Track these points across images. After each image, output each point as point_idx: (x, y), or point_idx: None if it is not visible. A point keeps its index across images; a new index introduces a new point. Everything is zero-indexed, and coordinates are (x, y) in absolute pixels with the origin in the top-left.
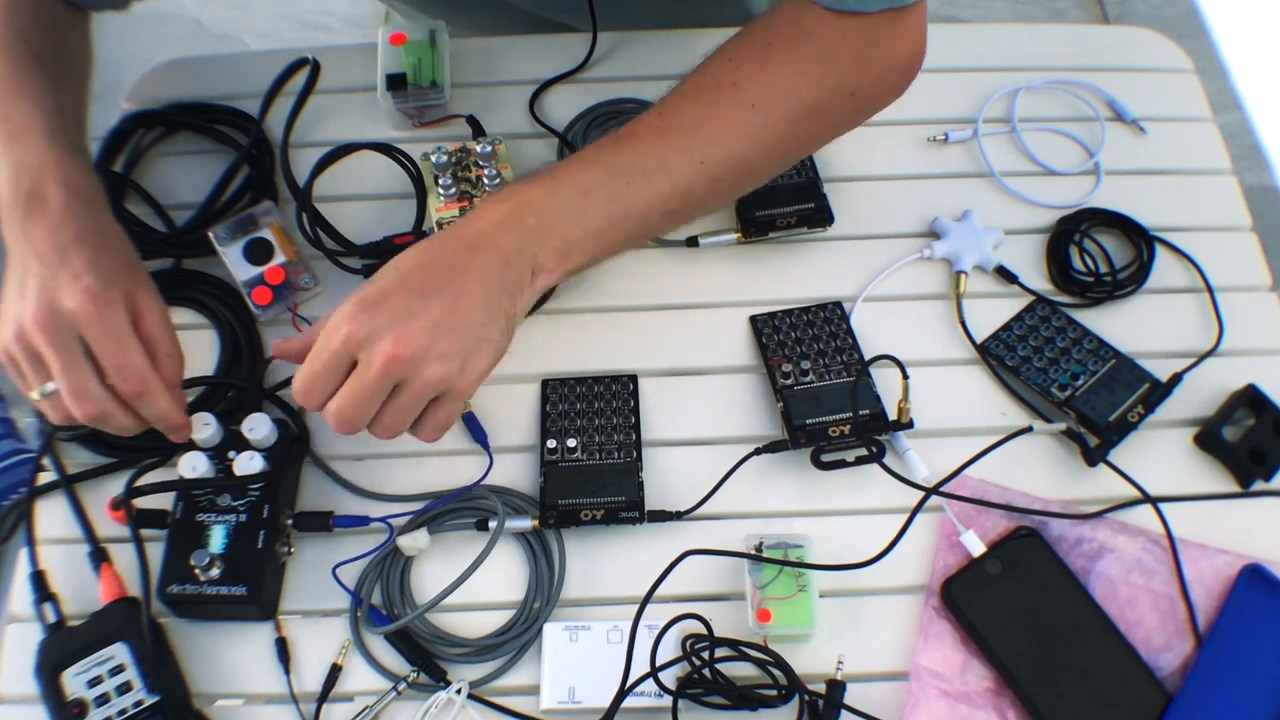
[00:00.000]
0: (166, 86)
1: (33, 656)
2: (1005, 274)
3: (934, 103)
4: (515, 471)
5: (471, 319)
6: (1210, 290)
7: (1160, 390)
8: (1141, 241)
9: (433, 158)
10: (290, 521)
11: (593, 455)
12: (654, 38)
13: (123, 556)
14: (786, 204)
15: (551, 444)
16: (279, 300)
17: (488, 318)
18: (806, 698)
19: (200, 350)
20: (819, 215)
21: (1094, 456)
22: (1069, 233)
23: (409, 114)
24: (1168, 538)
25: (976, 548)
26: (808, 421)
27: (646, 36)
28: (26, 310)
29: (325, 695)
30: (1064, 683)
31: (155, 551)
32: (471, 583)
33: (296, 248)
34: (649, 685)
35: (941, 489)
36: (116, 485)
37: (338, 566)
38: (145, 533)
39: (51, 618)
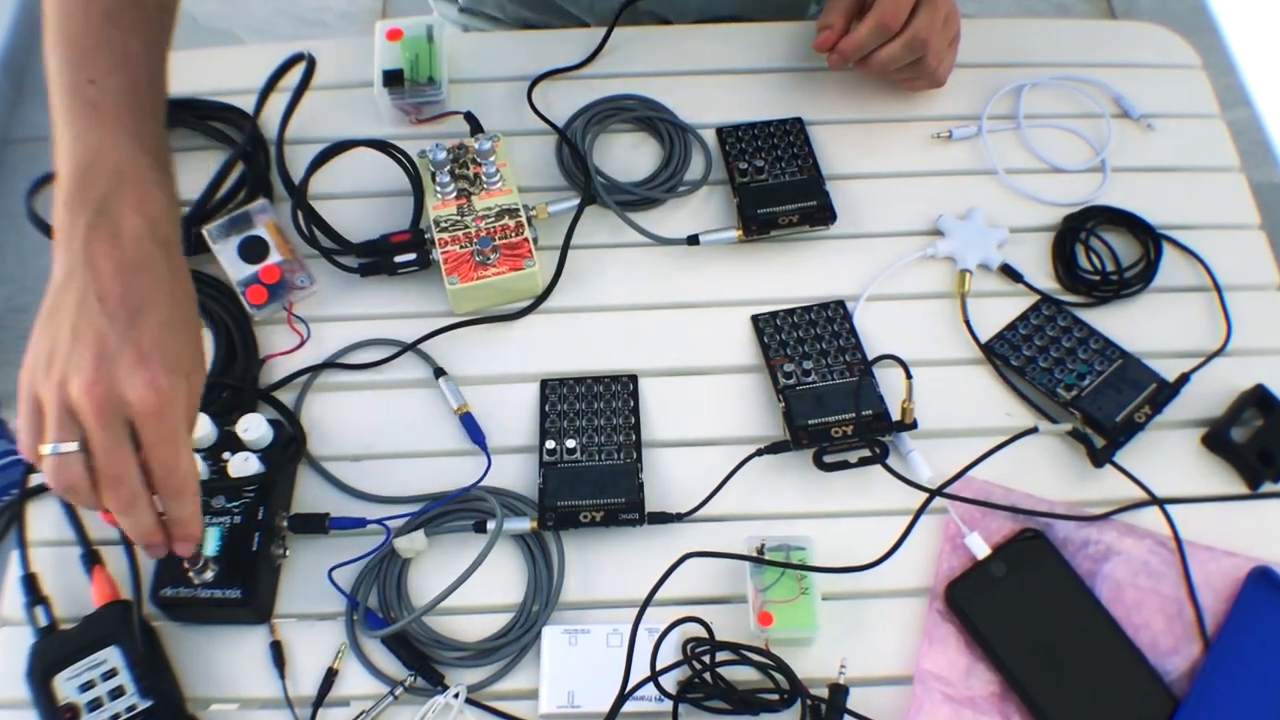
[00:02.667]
0: None
1: (24, 661)
2: (1010, 273)
3: (938, 99)
4: (514, 473)
5: None
6: (1218, 289)
7: (1167, 390)
8: (1148, 239)
9: (430, 155)
10: (286, 523)
11: (592, 456)
12: (656, 34)
13: (115, 559)
14: (788, 202)
15: (550, 445)
16: (274, 299)
17: None
18: (809, 702)
19: None
20: (821, 213)
21: (1100, 457)
22: (1075, 231)
23: (406, 110)
24: (1175, 540)
25: (981, 550)
26: (810, 422)
27: (648, 33)
28: (77, 373)
29: (321, 700)
30: (1070, 687)
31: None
32: (469, 585)
33: (292, 246)
34: (649, 689)
35: (945, 490)
36: None
37: (334, 569)
38: None
39: (43, 621)
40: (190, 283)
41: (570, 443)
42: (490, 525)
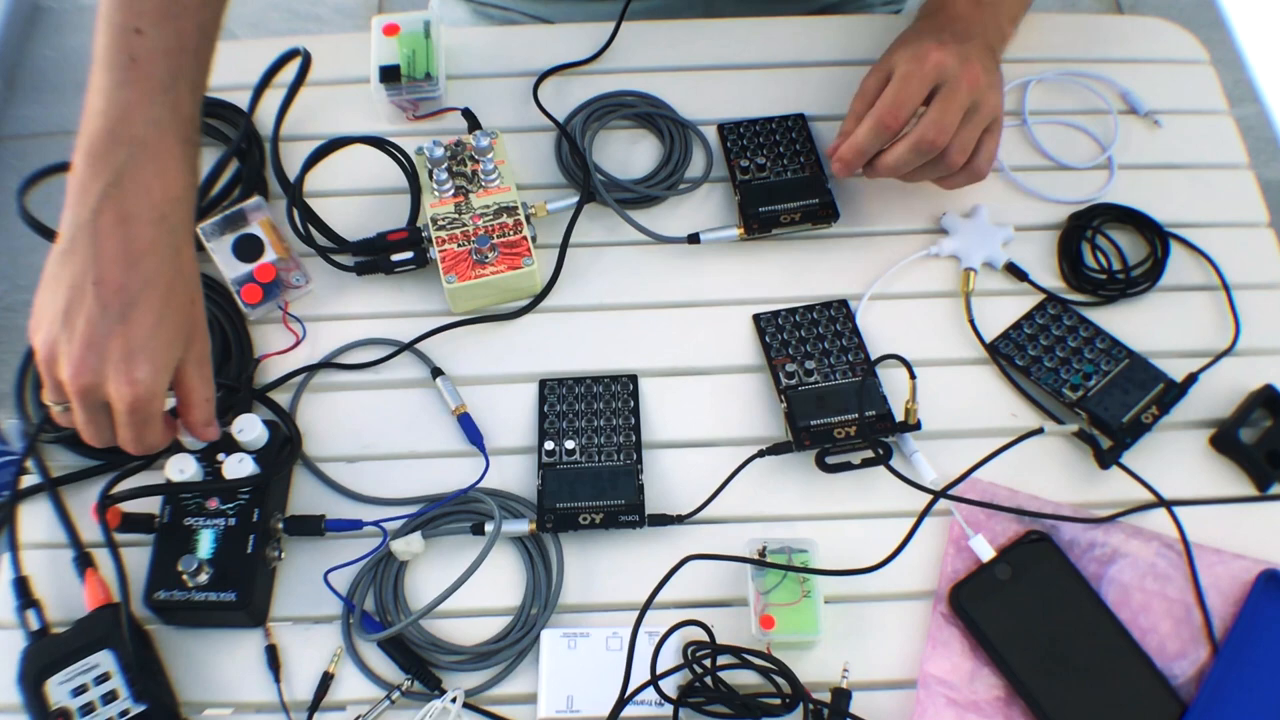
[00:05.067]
0: None
1: (15, 665)
2: (1015, 271)
3: None
4: (512, 474)
5: (991, 64)
6: (1226, 288)
7: (1175, 391)
8: (1156, 238)
9: (427, 152)
10: (281, 525)
11: (592, 457)
12: (656, 30)
13: (108, 562)
14: (790, 199)
15: (549, 446)
16: (269, 298)
17: (995, 67)
18: (811, 706)
19: None
20: (824, 211)
21: (1107, 459)
22: (1081, 229)
23: (403, 107)
24: (1183, 542)
25: (986, 552)
26: (812, 423)
27: (648, 29)
28: (66, 359)
29: (317, 704)
30: (1075, 691)
31: (142, 556)
32: (467, 588)
33: (287, 244)
34: (649, 694)
35: (950, 492)
36: (101, 488)
37: (330, 572)
38: (132, 537)
39: (35, 625)
40: (194, 264)
41: (569, 443)
42: (488, 527)
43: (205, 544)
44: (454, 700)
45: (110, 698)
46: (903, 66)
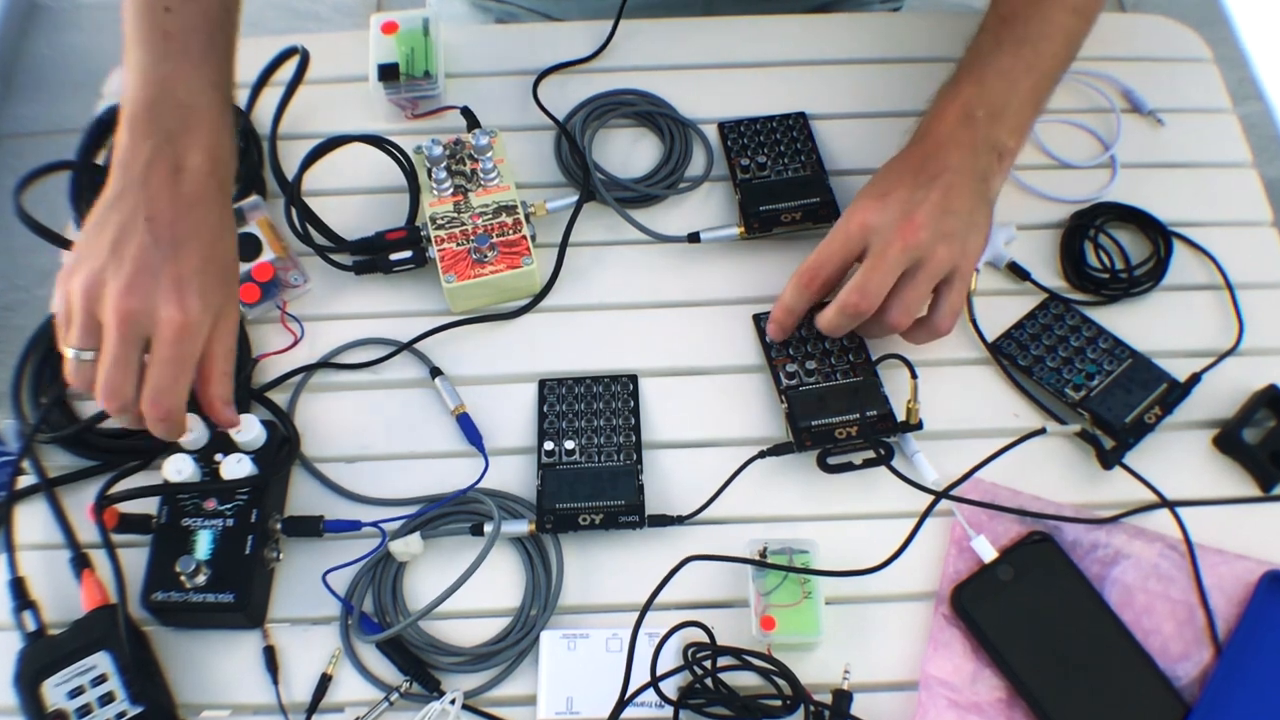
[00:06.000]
0: None
1: (11, 666)
2: (1017, 271)
3: None
4: (511, 474)
5: (962, 204)
6: (1230, 287)
7: (1178, 391)
8: (1159, 237)
9: (426, 150)
10: (279, 526)
11: (591, 458)
12: (656, 28)
13: (106, 563)
14: (791, 198)
15: (549, 446)
16: (267, 298)
17: (974, 204)
18: (812, 708)
19: None
20: (825, 210)
21: (1110, 459)
22: (1084, 228)
23: (402, 105)
24: (1186, 543)
25: (988, 553)
26: (813, 423)
27: (648, 27)
28: (114, 282)
29: (315, 706)
30: (1078, 693)
31: (140, 557)
32: (466, 589)
33: (285, 243)
34: (649, 695)
35: (951, 493)
36: (98, 489)
37: (328, 573)
38: (130, 538)
39: (31, 626)
40: (234, 226)
41: (569, 444)
42: (487, 528)
43: (203, 545)
44: (453, 702)
45: (107, 699)
46: (836, 224)
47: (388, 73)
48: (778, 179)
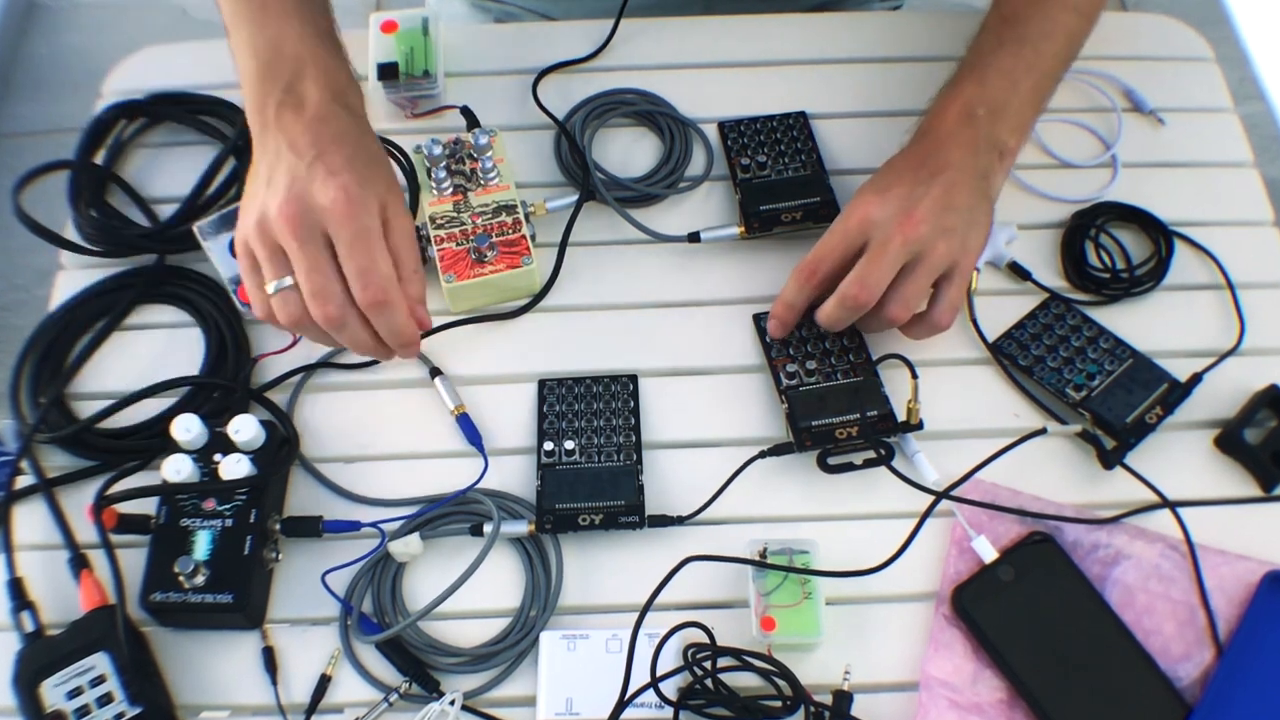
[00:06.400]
0: (149, 75)
1: (10, 667)
2: (1018, 270)
3: None
4: (511, 475)
5: (963, 201)
6: (1231, 287)
7: (1179, 391)
8: (1160, 236)
9: (426, 150)
10: (278, 526)
11: (591, 458)
12: (656, 27)
13: (104, 563)
14: (792, 198)
15: (549, 446)
16: None
17: (975, 201)
18: (812, 709)
19: (185, 349)
20: (825, 210)
21: (1110, 459)
22: (1084, 228)
23: (401, 105)
24: (1187, 543)
25: (988, 554)
26: (813, 423)
27: (648, 26)
28: (273, 200)
29: (314, 707)
30: (1079, 693)
31: (139, 558)
32: (465, 590)
33: None
34: (649, 696)
35: (952, 493)
36: (97, 489)
37: (327, 573)
38: (128, 539)
39: (30, 626)
40: (374, 136)
41: (569, 444)
42: (487, 528)
43: (202, 545)
44: (452, 703)
45: (106, 700)
46: (837, 219)
47: (387, 72)
48: (778, 178)
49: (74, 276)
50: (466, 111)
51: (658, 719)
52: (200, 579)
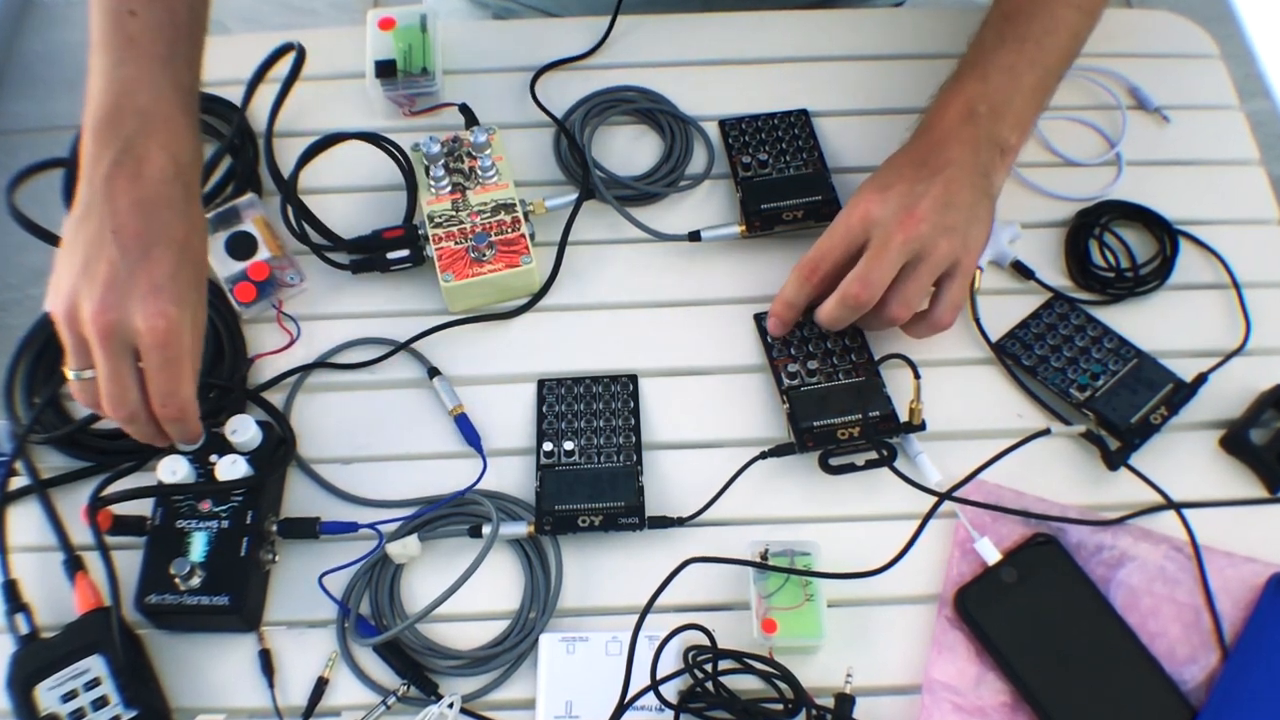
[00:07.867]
0: None
1: (4, 670)
2: (1022, 269)
3: None
4: (510, 475)
5: (964, 199)
6: (1237, 286)
7: (1184, 391)
8: (1164, 235)
9: (424, 148)
10: (275, 528)
11: (591, 459)
12: (656, 24)
13: (99, 565)
14: (793, 196)
15: (548, 447)
16: (263, 297)
17: (976, 198)
18: (814, 712)
19: None
20: (827, 208)
21: (1115, 460)
22: (1089, 226)
23: (399, 102)
24: (1192, 545)
25: (992, 555)
26: (815, 424)
27: (648, 23)
28: (89, 298)
29: (311, 710)
30: (1083, 697)
31: (134, 560)
32: (464, 592)
33: (281, 242)
34: (649, 699)
35: (955, 494)
36: (92, 490)
37: (324, 575)
38: (124, 540)
39: (24, 629)
40: (205, 225)
41: (568, 444)
42: (486, 530)
43: (198, 547)
44: (451, 706)
45: (101, 703)
46: (838, 217)
47: (385, 69)
48: (779, 177)
49: None
50: (465, 109)
51: None
52: (196, 581)
